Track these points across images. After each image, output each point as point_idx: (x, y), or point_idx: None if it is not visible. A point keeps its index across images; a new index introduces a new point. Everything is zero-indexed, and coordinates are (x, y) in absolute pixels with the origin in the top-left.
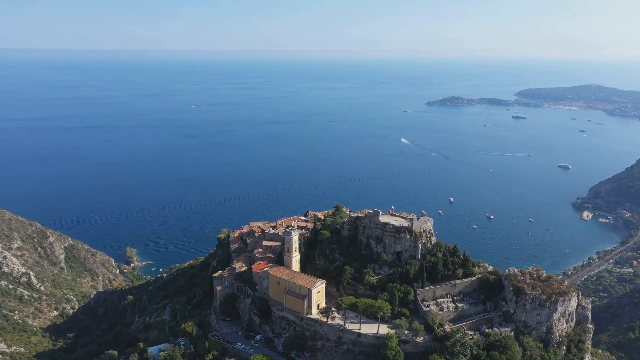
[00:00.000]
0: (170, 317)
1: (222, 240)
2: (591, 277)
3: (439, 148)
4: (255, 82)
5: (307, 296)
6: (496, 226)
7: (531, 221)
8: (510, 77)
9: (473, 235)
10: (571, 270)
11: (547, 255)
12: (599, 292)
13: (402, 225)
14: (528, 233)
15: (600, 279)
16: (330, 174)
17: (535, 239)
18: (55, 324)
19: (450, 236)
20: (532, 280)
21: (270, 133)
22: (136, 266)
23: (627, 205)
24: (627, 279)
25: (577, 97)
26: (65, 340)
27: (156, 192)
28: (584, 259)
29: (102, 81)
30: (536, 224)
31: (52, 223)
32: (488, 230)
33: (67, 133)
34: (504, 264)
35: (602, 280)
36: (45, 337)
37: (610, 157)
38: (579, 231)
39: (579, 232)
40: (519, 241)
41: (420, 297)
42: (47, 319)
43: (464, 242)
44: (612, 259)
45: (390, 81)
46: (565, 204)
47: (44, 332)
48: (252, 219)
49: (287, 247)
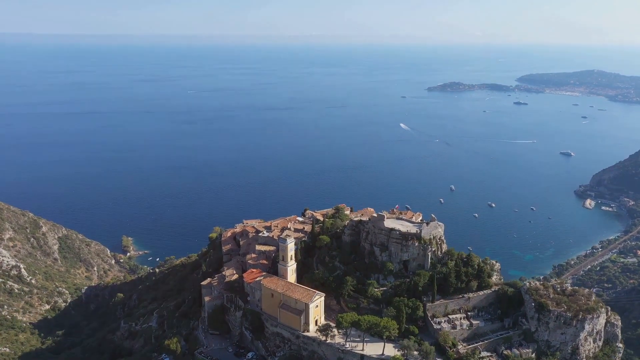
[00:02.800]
0: (157, 325)
1: (213, 240)
2: (595, 267)
3: (441, 134)
4: (254, 67)
5: (303, 311)
6: (498, 214)
7: (533, 209)
8: (511, 62)
9: (474, 224)
10: (574, 260)
11: (549, 244)
12: (603, 283)
13: (409, 232)
14: (530, 221)
15: (604, 269)
16: (329, 162)
17: (538, 227)
18: (46, 318)
19: (451, 225)
20: (556, 295)
21: (269, 119)
22: (132, 256)
23: (630, 193)
24: (632, 269)
25: (579, 82)
26: (54, 338)
27: (153, 179)
28: (587, 248)
29: (99, 66)
30: (538, 212)
31: (45, 212)
32: (489, 218)
33: (61, 119)
34: (506, 254)
35: (606, 271)
36: (34, 334)
37: (613, 144)
38: (581, 220)
39: (582, 220)
40: (521, 230)
41: (430, 313)
42: (38, 314)
43: (465, 231)
44: (615, 249)
45: (391, 67)
46: (567, 192)
47: (32, 329)
48: (249, 208)
49: (282, 255)
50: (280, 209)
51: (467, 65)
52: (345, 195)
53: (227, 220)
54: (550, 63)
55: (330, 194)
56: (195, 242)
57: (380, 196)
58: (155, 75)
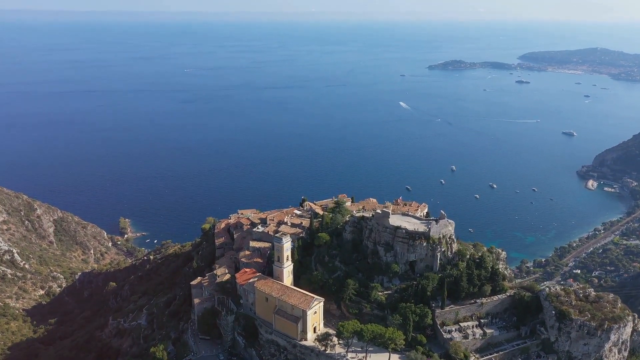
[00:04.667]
0: (146, 323)
1: (207, 232)
2: (597, 250)
3: (442, 114)
4: (253, 45)
5: (301, 318)
6: (499, 195)
7: (535, 190)
8: (513, 39)
9: (475, 205)
10: (576, 242)
11: (551, 226)
12: (605, 266)
13: (417, 230)
14: (532, 203)
15: (606, 252)
16: (329, 142)
17: (539, 208)
18: (41, 304)
19: (452, 206)
20: (579, 302)
21: (267, 99)
22: (130, 238)
23: (633, 174)
24: (635, 251)
25: (582, 60)
26: (46, 327)
27: (151, 159)
28: (589, 230)
29: (95, 43)
30: (540, 193)
31: (40, 194)
32: (491, 199)
33: (57, 98)
34: (507, 235)
35: (609, 254)
36: (26, 321)
37: (616, 123)
38: (583, 201)
39: (584, 201)
40: (523, 211)
41: (440, 320)
42: (32, 299)
43: (466, 213)
44: (618, 230)
45: (391, 44)
46: (569, 173)
47: (25, 316)
48: (247, 190)
49: (278, 255)
50: (278, 190)
51: (469, 42)
52: (345, 176)
53: (225, 200)
54: (553, 40)
55: (329, 175)
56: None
57: (380, 178)
58: (153, 53)
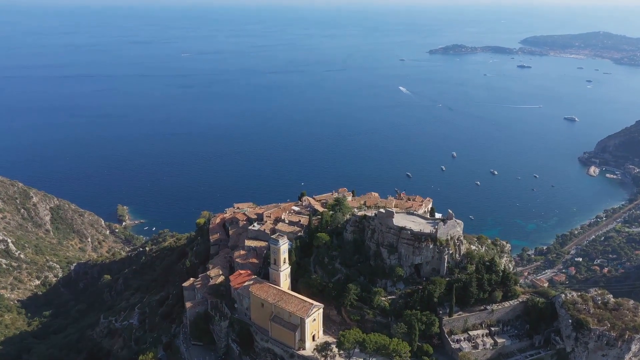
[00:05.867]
0: (138, 323)
1: (201, 227)
2: (599, 237)
3: (443, 99)
4: (252, 29)
5: (298, 327)
6: (500, 182)
7: (536, 177)
8: (514, 23)
9: (476, 192)
10: (578, 230)
11: (553, 213)
12: (607, 254)
13: (423, 232)
14: (533, 189)
15: (608, 240)
16: (329, 128)
17: (541, 195)
18: (36, 295)
19: (452, 193)
20: (597, 310)
21: (266, 83)
22: (128, 225)
23: (635, 160)
24: (637, 239)
25: (584, 45)
26: (40, 319)
27: (148, 145)
28: (591, 217)
29: (90, 27)
30: (541, 179)
31: (36, 182)
32: (492, 186)
33: (52, 82)
34: (508, 223)
35: (611, 241)
36: (20, 313)
37: (618, 108)
38: (585, 187)
39: (586, 188)
40: (524, 198)
41: (447, 329)
42: (28, 290)
43: (466, 200)
44: (620, 218)
45: (391, 28)
46: (571, 159)
47: (20, 308)
48: (245, 177)
49: (274, 258)
50: (276, 175)
51: (470, 26)
52: (344, 162)
53: (222, 185)
54: (555, 24)
55: (328, 160)
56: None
57: (380, 164)
58: (150, 37)
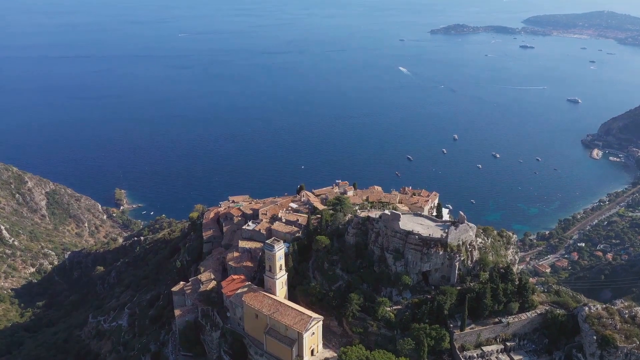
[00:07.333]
0: (127, 325)
1: (194, 221)
2: (602, 222)
3: (445, 80)
4: (250, 8)
5: (296, 342)
6: (502, 165)
7: (539, 160)
8: (517, 2)
9: (478, 175)
10: (580, 214)
11: (555, 197)
12: (610, 239)
13: (432, 237)
14: (535, 173)
15: (611, 224)
16: (328, 110)
17: (543, 179)
18: (30, 283)
19: (454, 177)
20: (624, 325)
21: (266, 64)
22: (126, 209)
23: (639, 143)
24: None
25: (588, 24)
26: (33, 310)
27: (146, 128)
28: (594, 201)
29: (85, 6)
30: (544, 162)
31: (30, 166)
32: (493, 169)
33: (46, 63)
34: (510, 207)
35: (614, 226)
36: (13, 303)
37: (622, 90)
38: (588, 171)
39: (589, 171)
40: (526, 182)
41: (459, 344)
42: (22, 278)
43: (468, 183)
44: (623, 202)
45: (393, 7)
46: (574, 141)
47: (13, 297)
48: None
49: (269, 265)
50: (274, 159)
51: (473, 5)
52: (345, 146)
53: (220, 169)
54: (558, 3)
55: (328, 144)
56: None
57: (381, 148)
58: (146, 17)
